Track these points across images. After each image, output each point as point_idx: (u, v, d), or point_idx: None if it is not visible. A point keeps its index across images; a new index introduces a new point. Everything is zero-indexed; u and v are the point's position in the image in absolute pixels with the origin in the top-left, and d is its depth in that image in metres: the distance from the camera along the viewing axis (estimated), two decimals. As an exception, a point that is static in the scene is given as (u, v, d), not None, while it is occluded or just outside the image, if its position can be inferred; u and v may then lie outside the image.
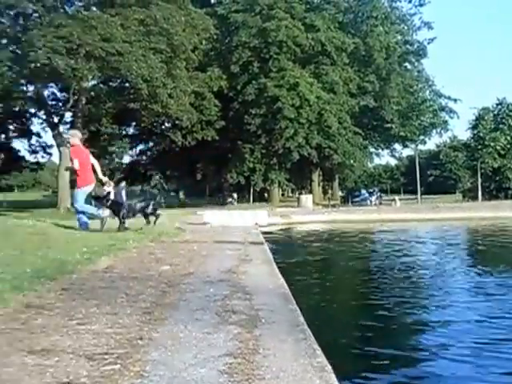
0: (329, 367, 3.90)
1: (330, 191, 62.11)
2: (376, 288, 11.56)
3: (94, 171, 14.12)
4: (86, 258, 8.71)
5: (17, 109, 42.08)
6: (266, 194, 56.94)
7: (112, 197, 14.17)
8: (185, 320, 5.05)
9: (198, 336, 4.53)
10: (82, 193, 13.82)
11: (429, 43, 56.99)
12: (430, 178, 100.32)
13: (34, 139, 49.24)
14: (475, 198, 56.18)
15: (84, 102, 39.82)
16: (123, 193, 29.74)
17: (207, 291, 6.52)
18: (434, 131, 54.79)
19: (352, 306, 10.88)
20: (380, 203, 52.32)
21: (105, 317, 5.10)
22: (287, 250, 17.25)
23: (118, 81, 39.98)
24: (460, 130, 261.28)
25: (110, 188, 14.34)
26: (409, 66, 60.09)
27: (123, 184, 30.34)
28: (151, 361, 3.89)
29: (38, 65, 33.00)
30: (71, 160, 13.65)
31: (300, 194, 53.41)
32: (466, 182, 76.68)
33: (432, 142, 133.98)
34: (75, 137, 14.05)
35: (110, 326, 4.78)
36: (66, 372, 3.62)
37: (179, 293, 6.44)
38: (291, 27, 45.63)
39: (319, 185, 61.89)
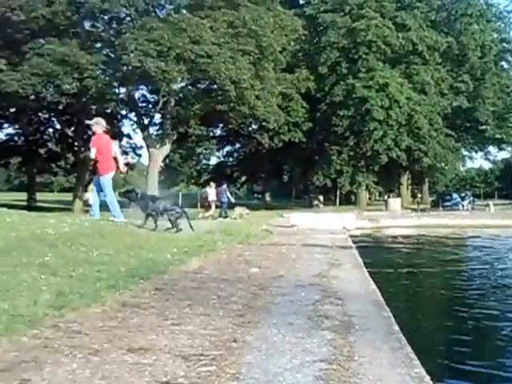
0: (427, 378, 3.77)
1: (419, 195, 60.57)
2: (472, 297, 11.08)
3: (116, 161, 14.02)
4: (177, 259, 8.82)
5: (109, 111, 43.41)
6: (352, 197, 56.30)
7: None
8: (277, 324, 5.00)
9: (291, 340, 4.47)
10: (109, 180, 13.71)
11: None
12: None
13: (124, 140, 50.80)
14: None
15: (173, 103, 40.60)
16: (226, 193, 30.42)
17: (298, 295, 6.45)
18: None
19: (445, 315, 10.49)
20: (473, 208, 50.54)
21: (198, 318, 5.13)
22: (376, 255, 16.88)
23: (207, 83, 40.53)
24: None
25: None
26: (505, 66, 57.83)
27: (225, 185, 30.90)
28: (246, 364, 3.86)
29: (130, 67, 33.96)
30: (90, 149, 13.66)
31: (388, 197, 52.46)
32: None
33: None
34: (99, 124, 13.97)
35: (204, 327, 4.79)
36: (163, 371, 3.65)
37: (270, 296, 6.40)
38: (381, 26, 44.94)
39: (408, 188, 60.63)
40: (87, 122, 13.00)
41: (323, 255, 10.80)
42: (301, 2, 53.09)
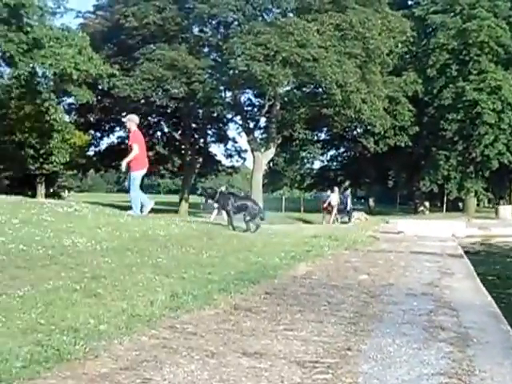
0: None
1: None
2: None
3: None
4: (285, 263, 8.83)
5: (215, 114, 44.17)
6: (460, 204, 54.45)
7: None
8: (391, 333, 4.90)
9: (407, 351, 4.36)
10: (139, 176, 13.69)
11: None
12: None
13: (229, 144, 51.55)
14: None
15: (278, 107, 40.77)
16: (349, 199, 30.52)
17: (410, 304, 6.30)
18: None
19: None
20: None
21: (310, 324, 5.10)
22: (489, 265, 16.23)
23: (312, 86, 40.44)
24: None
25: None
26: None
27: (348, 191, 30.95)
28: (362, 373, 3.81)
29: (237, 71, 34.42)
30: (130, 146, 13.52)
31: (498, 204, 50.30)
32: None
33: None
34: (132, 121, 13.93)
35: (317, 333, 4.76)
36: (280, 377, 3.66)
37: (382, 304, 6.29)
38: (494, 27, 43.16)
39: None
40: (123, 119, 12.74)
41: (433, 263, 10.50)
42: (409, 2, 51.94)
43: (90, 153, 48.22)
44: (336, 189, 31.69)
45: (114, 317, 4.62)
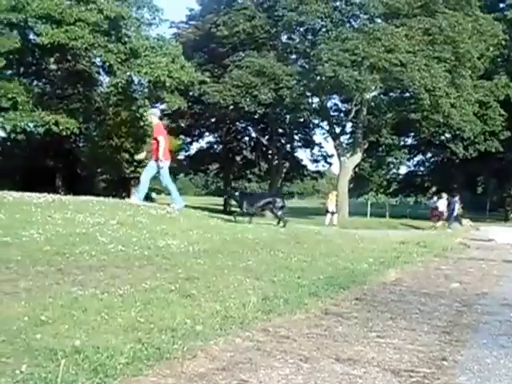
0: None
1: None
2: None
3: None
4: (374, 269, 8.77)
5: (302, 120, 44.30)
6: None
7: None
8: (488, 345, 4.78)
9: (506, 364, 4.24)
10: (167, 167, 13.76)
11: None
12: None
13: (316, 149, 51.68)
14: None
15: (365, 112, 40.51)
16: (456, 205, 30.18)
17: (507, 315, 6.10)
18: None
19: None
20: None
21: (402, 332, 5.05)
22: None
23: (399, 91, 39.93)
24: None
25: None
26: None
27: (457, 197, 30.61)
28: (460, 385, 3.74)
29: (324, 77, 34.44)
30: (155, 139, 13.54)
31: None
32: None
33: None
34: (156, 115, 14.24)
35: (410, 342, 4.71)
36: (374, 385, 3.64)
37: (476, 314, 6.13)
38: None
39: None
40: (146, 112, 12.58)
41: (530, 274, 10.13)
42: (501, 5, 50.39)
43: (181, 157, 49.37)
44: (444, 195, 31.24)
45: (208, 318, 4.73)
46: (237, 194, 13.58)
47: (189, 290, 5.61)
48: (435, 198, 31.68)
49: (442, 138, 49.26)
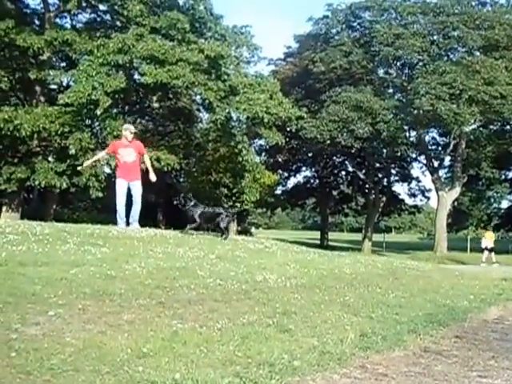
0: None
1: None
2: None
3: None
4: (475, 307, 8.56)
5: (399, 154, 43.80)
6: None
7: None
8: None
9: None
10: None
11: None
12: None
13: (413, 183, 50.82)
14: None
15: (464, 145, 39.67)
16: None
17: None
18: None
19: None
20: None
21: (505, 372, 4.94)
22: None
23: (500, 124, 38.89)
24: None
25: None
26: None
27: None
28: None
29: (421, 111, 34.03)
30: (139, 155, 12.77)
31: None
32: None
33: None
34: (129, 130, 12.86)
35: (512, 382, 4.60)
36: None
37: None
38: None
39: None
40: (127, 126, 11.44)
41: None
42: None
43: (278, 192, 49.78)
44: None
45: (305, 353, 4.80)
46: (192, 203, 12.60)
47: (286, 325, 5.69)
48: None
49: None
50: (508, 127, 37.27)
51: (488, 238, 29.61)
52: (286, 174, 50.88)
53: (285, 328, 5.59)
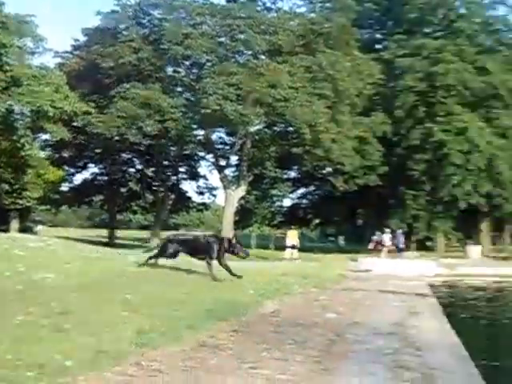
0: None
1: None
2: None
3: None
4: (255, 301, 8.90)
5: (187, 152, 44.35)
6: (428, 243, 54.92)
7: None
8: (357, 372, 4.96)
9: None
10: None
11: None
12: None
13: (201, 181, 51.75)
14: None
15: (249, 145, 41.01)
16: (401, 238, 32.02)
17: (376, 344, 6.38)
18: None
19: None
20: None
21: (275, 362, 5.15)
22: (456, 305, 16.33)
23: (282, 125, 40.87)
24: None
25: None
26: None
27: (400, 231, 32.11)
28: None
29: (209, 110, 34.73)
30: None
31: (465, 244, 50.85)
32: None
33: None
34: None
35: (282, 372, 4.81)
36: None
37: (347, 343, 6.36)
38: (461, 70, 44.19)
39: (488, 235, 58.65)
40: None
41: (400, 303, 10.62)
42: (377, 46, 53.01)
43: (64, 188, 47.95)
44: (387, 230, 33.51)
45: (80, 352, 4.68)
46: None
47: (62, 325, 5.53)
48: (378, 233, 33.89)
49: (324, 171, 50.74)
50: (290, 129, 39.24)
51: (291, 237, 31.70)
52: (72, 170, 49.10)
53: (61, 328, 5.42)
